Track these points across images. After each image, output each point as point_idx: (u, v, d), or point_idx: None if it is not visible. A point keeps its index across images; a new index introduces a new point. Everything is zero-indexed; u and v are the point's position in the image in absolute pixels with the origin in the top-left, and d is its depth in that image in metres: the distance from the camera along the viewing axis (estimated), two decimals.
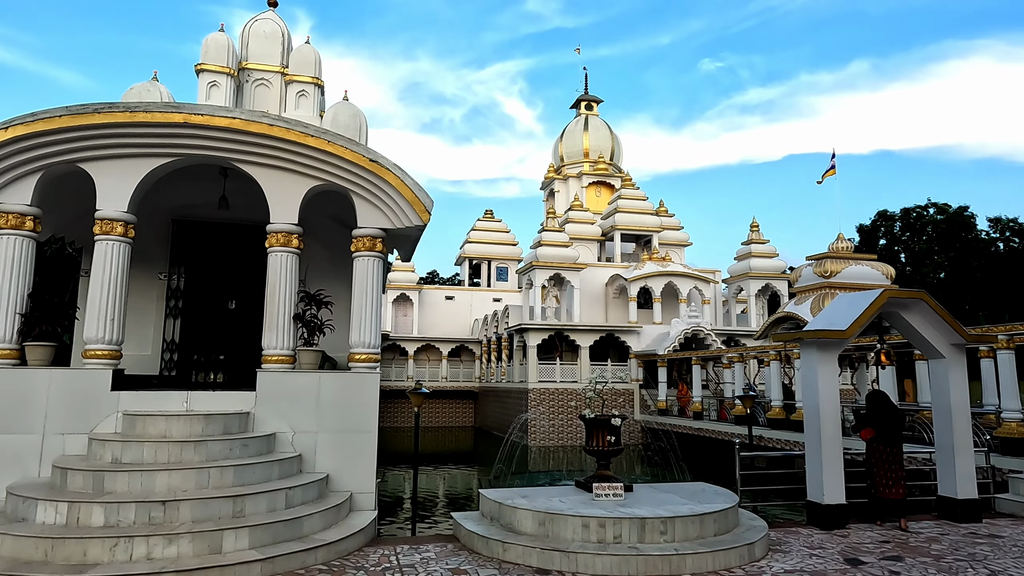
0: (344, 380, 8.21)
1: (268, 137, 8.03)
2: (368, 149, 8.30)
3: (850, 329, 8.64)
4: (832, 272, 21.59)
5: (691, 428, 26.85)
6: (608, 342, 34.57)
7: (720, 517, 7.04)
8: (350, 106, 11.86)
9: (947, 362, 9.30)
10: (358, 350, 8.37)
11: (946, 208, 55.34)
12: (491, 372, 40.20)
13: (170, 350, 10.11)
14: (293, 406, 7.96)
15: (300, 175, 8.34)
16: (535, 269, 35.36)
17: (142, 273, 10.10)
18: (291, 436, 7.89)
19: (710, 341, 32.57)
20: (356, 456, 8.01)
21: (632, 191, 42.40)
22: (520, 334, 34.23)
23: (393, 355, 42.76)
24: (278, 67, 12.66)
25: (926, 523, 8.76)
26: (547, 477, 20.05)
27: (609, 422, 8.05)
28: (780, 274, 38.29)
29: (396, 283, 43.86)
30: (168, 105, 7.78)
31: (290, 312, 8.24)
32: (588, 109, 51.14)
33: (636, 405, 32.64)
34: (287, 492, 6.89)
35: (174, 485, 6.45)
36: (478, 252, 48.96)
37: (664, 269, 36.77)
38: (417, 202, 8.38)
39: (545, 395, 31.99)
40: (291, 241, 8.33)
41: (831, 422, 8.71)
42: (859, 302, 9.06)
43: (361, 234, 8.53)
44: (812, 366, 8.87)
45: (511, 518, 7.06)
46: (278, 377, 8.03)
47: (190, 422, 7.24)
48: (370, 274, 8.52)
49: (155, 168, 7.98)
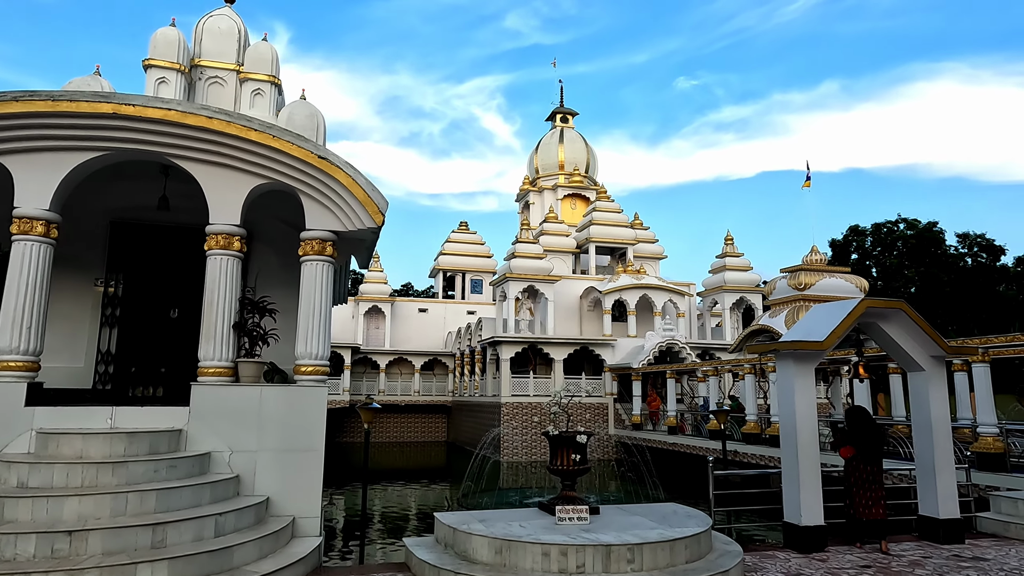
0: (288, 394, 7.58)
1: (207, 131, 7.42)
2: (317, 145, 7.73)
3: (828, 340, 8.22)
4: (806, 284, 21.39)
5: (665, 443, 26.41)
6: (582, 355, 34.12)
7: (692, 542, 6.52)
8: (307, 105, 11.28)
9: (927, 375, 8.92)
10: (304, 362, 7.74)
11: (916, 224, 56.05)
12: (464, 386, 39.50)
13: (105, 362, 9.37)
14: (231, 423, 7.31)
15: (243, 172, 7.73)
16: (509, 281, 34.86)
17: (76, 279, 9.37)
18: (228, 456, 7.22)
19: (685, 354, 32.26)
20: (300, 477, 7.37)
21: (607, 204, 42.18)
22: (493, 347, 33.63)
23: (364, 368, 41.86)
24: (233, 65, 12.04)
25: (907, 545, 8.32)
26: (518, 494, 19.43)
27: (574, 439, 7.51)
28: (754, 287, 38.22)
29: (368, 295, 43.05)
30: (96, 94, 7.14)
31: (230, 320, 7.60)
32: (564, 122, 50.99)
33: (610, 420, 32.16)
34: (217, 518, 6.23)
35: (85, 513, 5.76)
36: (452, 264, 48.34)
37: (639, 282, 36.49)
38: (370, 202, 7.81)
39: (518, 409, 31.38)
40: (232, 243, 7.71)
41: (808, 438, 8.26)
42: (837, 312, 8.66)
43: (310, 236, 7.93)
44: (789, 379, 8.43)
45: (466, 545, 6.47)
46: (215, 391, 7.37)
47: (111, 441, 6.55)
48: (319, 280, 7.92)
49: (82, 163, 7.31)
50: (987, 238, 53.53)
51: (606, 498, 18.08)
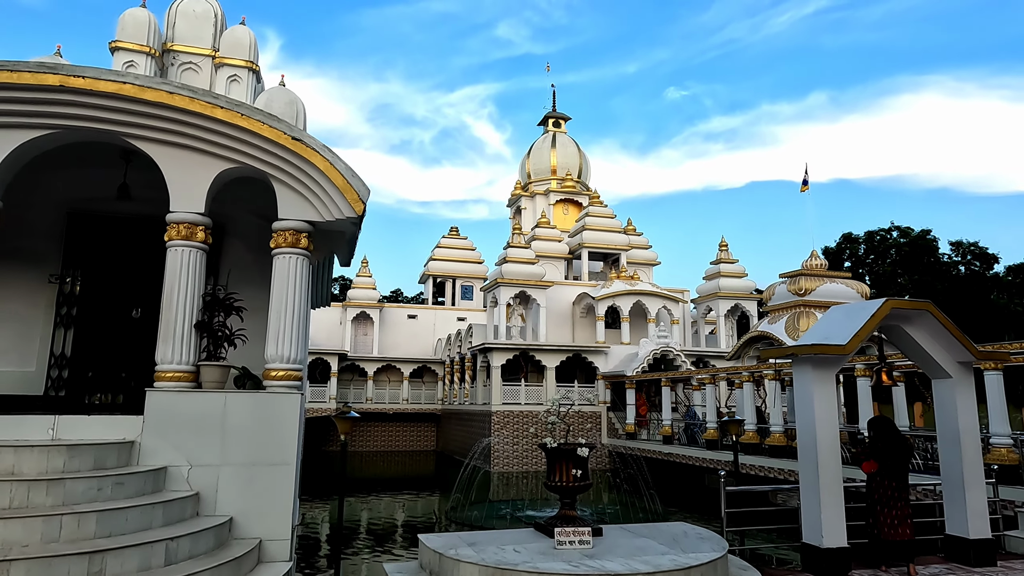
0: (257, 402, 6.80)
1: (168, 108, 6.67)
2: (291, 126, 6.99)
3: (850, 343, 7.53)
4: (807, 290, 20.78)
5: (660, 453, 25.69)
6: (575, 363, 33.38)
7: (709, 570, 5.79)
8: (287, 92, 10.53)
9: (953, 382, 8.25)
10: (276, 366, 6.97)
11: (909, 231, 55.80)
12: (454, 394, 38.65)
13: (59, 366, 8.54)
14: (191, 433, 6.52)
15: (208, 155, 6.98)
16: (500, 286, 34.11)
17: (28, 276, 8.56)
18: (187, 471, 6.43)
19: (679, 362, 31.58)
20: (269, 494, 6.58)
21: (600, 208, 41.58)
22: (484, 354, 32.84)
23: (352, 376, 40.93)
24: (208, 50, 11.30)
25: (935, 567, 7.63)
26: (509, 507, 18.63)
27: (575, 452, 6.77)
28: (749, 294, 37.64)
29: (356, 301, 42.17)
30: (42, 64, 6.38)
31: (191, 319, 6.82)
32: (556, 126, 50.42)
33: (603, 429, 31.41)
34: (169, 543, 5.44)
35: (10, 539, 4.96)
36: (442, 270, 47.55)
37: (633, 288, 35.83)
38: (348, 189, 7.07)
39: (509, 418, 30.58)
40: (195, 234, 6.94)
41: (830, 452, 7.55)
42: (858, 314, 7.98)
43: (283, 227, 7.18)
44: (807, 386, 7.73)
45: (453, 573, 5.70)
46: (173, 398, 6.59)
47: (48, 455, 5.75)
48: (293, 275, 7.16)
49: (26, 142, 6.54)
50: (980, 246, 53.33)
51: (601, 512, 17.32)
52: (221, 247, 9.01)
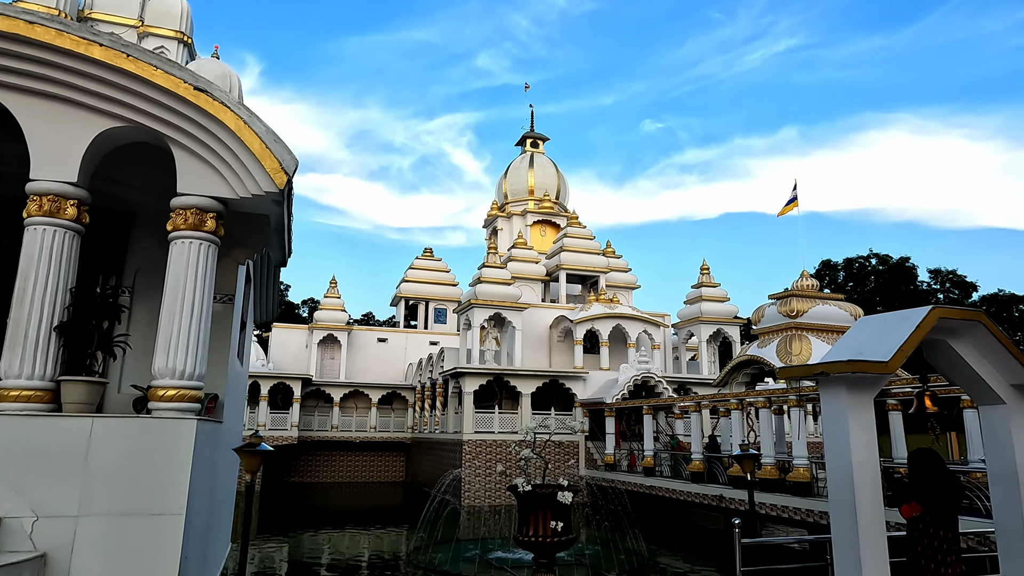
0: (137, 431, 5.16)
1: (28, 43, 5.12)
2: (193, 74, 5.45)
3: (894, 359, 6.11)
4: (799, 311, 19.55)
5: (643, 486, 24.10)
6: (551, 389, 31.75)
7: None
8: (219, 64, 9.02)
9: (1007, 409, 6.85)
10: (166, 383, 5.34)
11: (887, 259, 55.50)
12: (424, 422, 36.73)
13: None
14: (41, 472, 4.86)
15: (85, 109, 5.41)
16: (474, 308, 32.51)
17: None
18: (30, 523, 4.75)
19: (661, 389, 30.15)
20: (147, 557, 4.92)
21: (578, 230, 40.35)
22: (456, 379, 31.09)
23: (317, 402, 38.80)
24: (133, 20, 9.79)
25: None
26: (478, 548, 16.85)
27: (554, 499, 5.20)
28: (732, 319, 36.49)
29: (323, 323, 40.24)
30: None
31: (52, 320, 5.19)
32: (534, 147, 49.36)
33: (581, 459, 29.72)
34: None
35: None
36: (415, 292, 45.81)
37: (612, 311, 34.46)
38: (268, 156, 5.53)
39: (481, 448, 28.77)
40: (63, 210, 5.34)
41: (870, 495, 6.07)
42: (898, 325, 6.59)
43: (183, 204, 5.62)
44: (840, 413, 6.27)
45: None
46: (19, 425, 4.92)
47: None
48: (194, 266, 5.57)
49: None
50: (959, 274, 53.12)
51: (580, 552, 15.63)
52: (128, 240, 7.41)
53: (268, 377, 35.68)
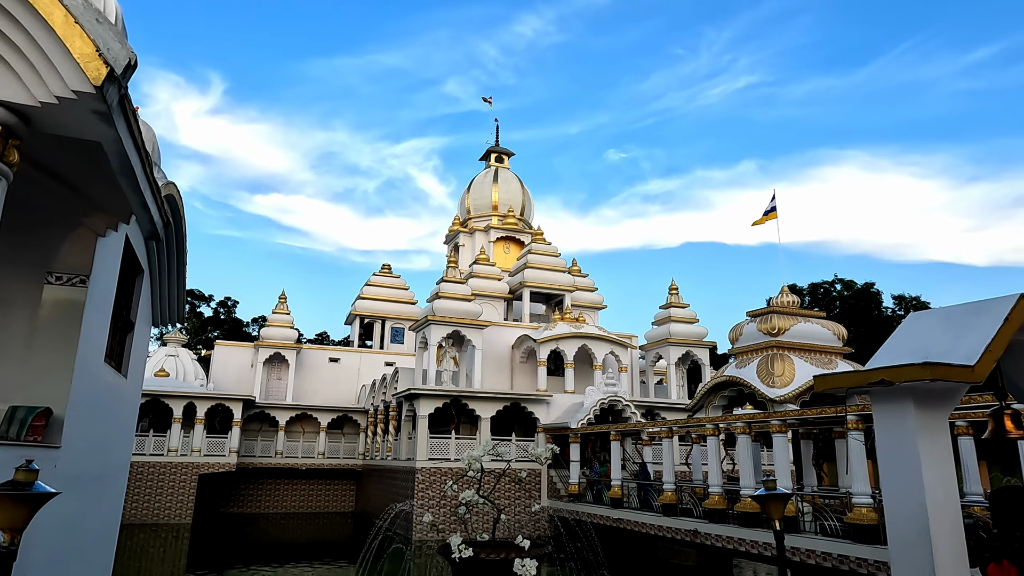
0: None
1: None
2: None
3: (982, 363, 4.43)
4: (780, 329, 18.11)
5: (609, 519, 22.21)
6: (513, 413, 29.77)
7: None
8: None
9: None
10: None
11: (852, 284, 55.27)
12: (376, 448, 34.32)
13: None
14: None
15: None
16: (431, 324, 30.45)
17: None
18: None
19: (629, 413, 28.42)
20: None
21: (543, 246, 38.73)
22: (410, 401, 28.91)
23: (260, 425, 36.08)
24: None
25: None
26: None
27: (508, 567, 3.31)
28: (701, 341, 35.15)
29: (270, 340, 37.65)
30: None
31: None
32: (499, 161, 47.80)
33: (544, 489, 27.71)
34: None
35: None
36: (371, 310, 43.51)
37: (578, 331, 32.76)
38: (78, 35, 3.60)
39: (436, 476, 26.57)
40: None
41: (949, 552, 4.34)
42: (972, 319, 4.93)
43: None
44: (906, 437, 4.54)
45: None
46: None
47: None
48: None
49: None
50: (923, 300, 53.09)
51: None
52: None
53: (205, 398, 32.95)
